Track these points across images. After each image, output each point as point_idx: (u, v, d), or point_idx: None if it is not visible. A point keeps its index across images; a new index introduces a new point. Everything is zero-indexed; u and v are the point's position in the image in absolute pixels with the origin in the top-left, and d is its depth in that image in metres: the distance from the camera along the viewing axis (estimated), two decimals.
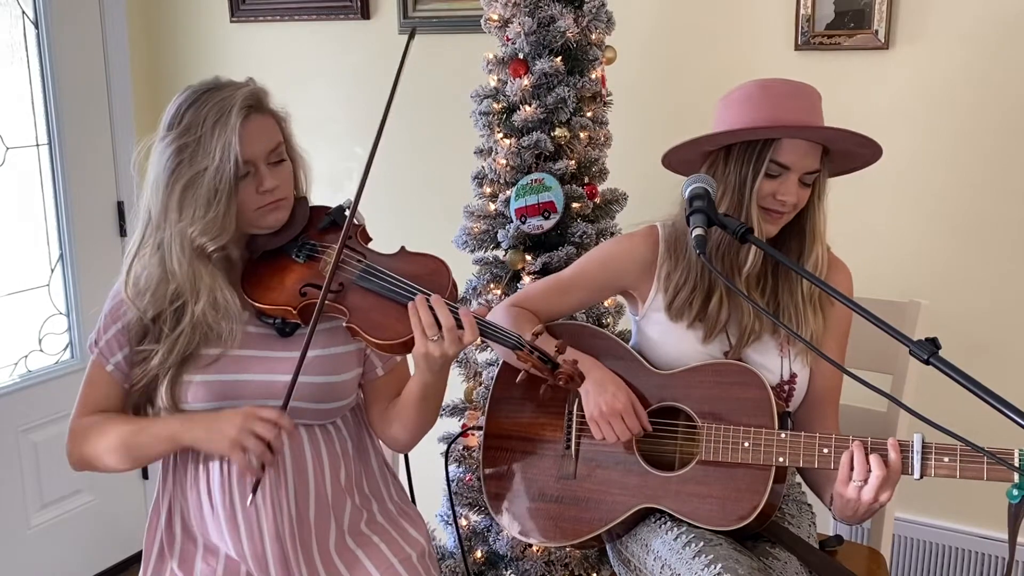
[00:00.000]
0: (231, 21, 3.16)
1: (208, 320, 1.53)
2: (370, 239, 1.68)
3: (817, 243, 1.73)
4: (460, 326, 1.47)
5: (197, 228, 1.49)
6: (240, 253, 1.62)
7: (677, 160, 1.77)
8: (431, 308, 1.47)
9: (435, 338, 1.45)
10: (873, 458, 1.51)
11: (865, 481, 1.50)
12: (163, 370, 1.55)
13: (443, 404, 2.29)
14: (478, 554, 2.29)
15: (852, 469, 1.52)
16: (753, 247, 1.67)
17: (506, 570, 2.26)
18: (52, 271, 3.03)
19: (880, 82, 2.37)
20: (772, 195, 1.66)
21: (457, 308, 1.49)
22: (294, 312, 1.55)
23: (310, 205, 1.67)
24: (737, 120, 1.67)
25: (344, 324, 1.53)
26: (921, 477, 1.50)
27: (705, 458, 1.66)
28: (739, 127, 1.66)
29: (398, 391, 1.69)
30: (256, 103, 1.54)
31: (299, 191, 1.66)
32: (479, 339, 1.49)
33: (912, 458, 1.50)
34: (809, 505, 1.89)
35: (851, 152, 1.70)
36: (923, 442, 1.50)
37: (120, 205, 3.17)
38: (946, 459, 1.48)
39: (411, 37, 1.56)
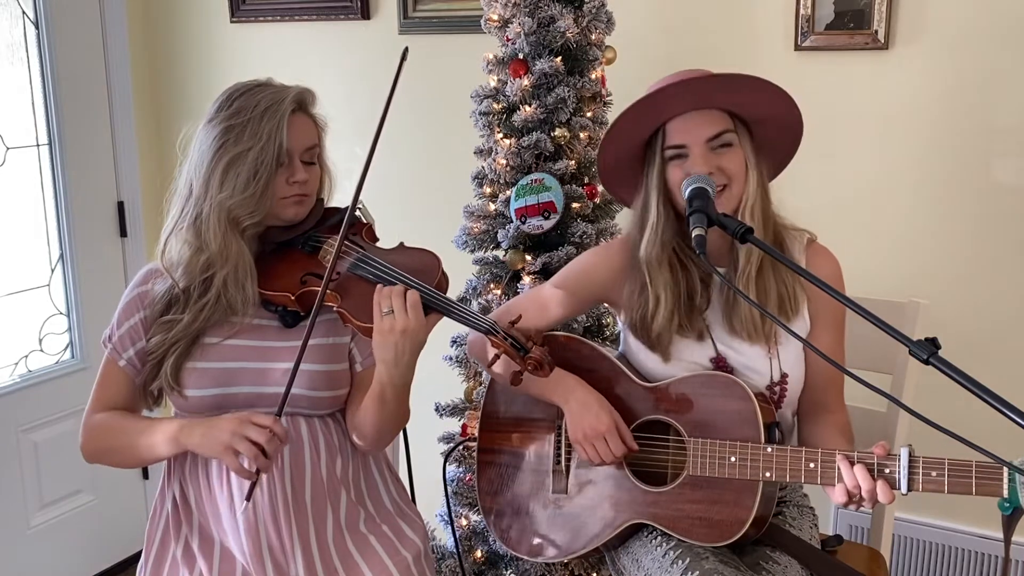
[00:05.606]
0: (231, 21, 3.16)
1: (228, 291, 1.60)
2: (377, 239, 1.73)
3: (763, 225, 1.64)
4: (429, 312, 1.53)
5: (236, 201, 1.58)
6: (254, 247, 1.67)
7: (615, 181, 1.78)
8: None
9: (387, 311, 1.50)
10: (859, 471, 1.49)
11: (861, 499, 1.51)
12: (177, 344, 1.61)
13: (443, 404, 2.31)
14: (478, 554, 2.29)
15: (847, 493, 1.52)
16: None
17: (506, 570, 2.26)
18: (52, 271, 3.03)
19: (880, 82, 2.37)
20: (689, 176, 1.60)
21: (438, 299, 1.55)
22: (293, 298, 1.62)
23: (325, 207, 1.74)
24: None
25: (334, 308, 1.59)
26: (908, 492, 1.48)
27: (693, 473, 1.66)
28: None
29: None
30: (305, 103, 1.67)
31: (320, 195, 1.74)
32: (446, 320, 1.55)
33: (899, 472, 1.47)
34: (811, 508, 1.88)
35: (753, 106, 1.62)
36: (910, 456, 1.47)
37: (120, 205, 3.17)
38: (933, 473, 1.46)
39: (403, 58, 1.61)
